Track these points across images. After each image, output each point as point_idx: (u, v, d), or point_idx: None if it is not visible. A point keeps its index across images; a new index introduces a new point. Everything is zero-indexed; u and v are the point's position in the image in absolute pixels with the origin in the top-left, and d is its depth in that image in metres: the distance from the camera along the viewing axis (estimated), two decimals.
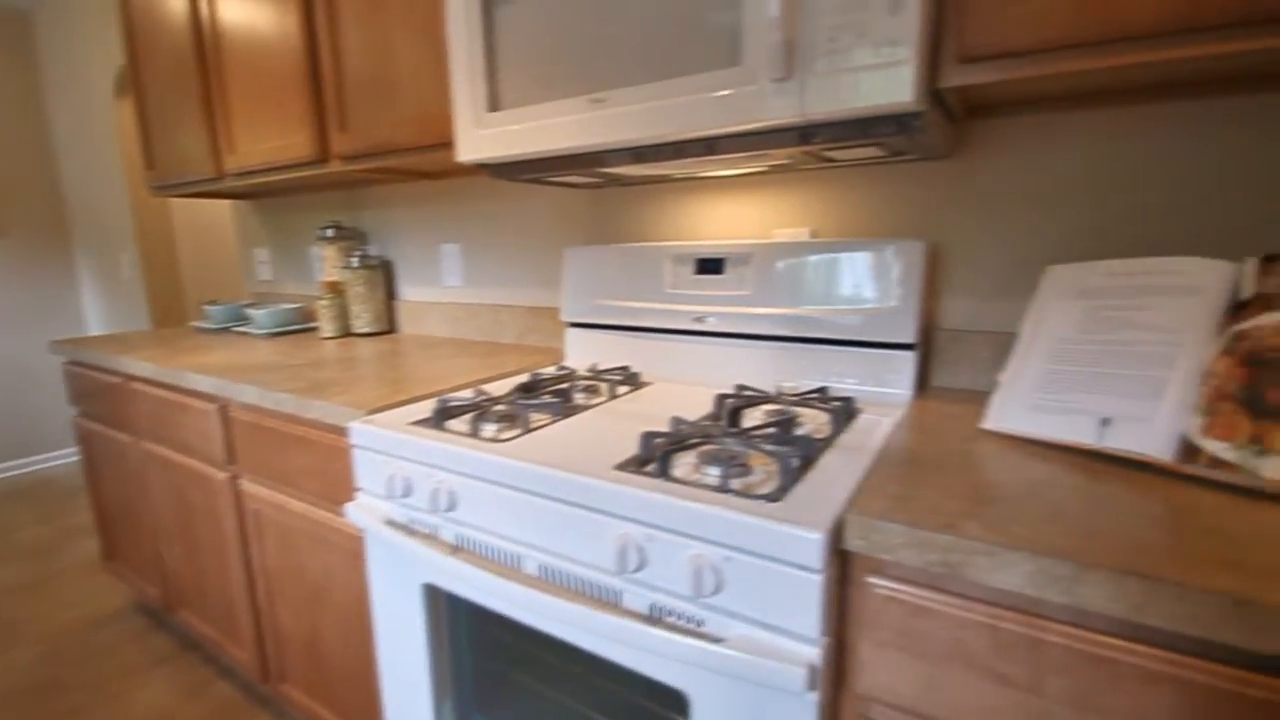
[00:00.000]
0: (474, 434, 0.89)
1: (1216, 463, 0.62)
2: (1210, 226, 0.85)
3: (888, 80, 0.69)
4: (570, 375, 1.18)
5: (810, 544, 0.58)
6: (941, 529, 0.55)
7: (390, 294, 1.87)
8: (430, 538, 0.91)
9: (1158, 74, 0.74)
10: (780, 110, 0.76)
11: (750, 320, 1.13)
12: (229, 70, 1.61)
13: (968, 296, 1.03)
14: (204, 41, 1.65)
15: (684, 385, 1.17)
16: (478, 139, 1.05)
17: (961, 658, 0.57)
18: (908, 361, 1.00)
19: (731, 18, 0.77)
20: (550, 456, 0.79)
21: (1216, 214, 0.84)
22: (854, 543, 0.60)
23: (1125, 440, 0.68)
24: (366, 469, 0.97)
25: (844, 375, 1.06)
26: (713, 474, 0.71)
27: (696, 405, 1.02)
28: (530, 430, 0.91)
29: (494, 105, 1.02)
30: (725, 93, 0.79)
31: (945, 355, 1.05)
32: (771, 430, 0.84)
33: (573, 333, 1.37)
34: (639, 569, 0.69)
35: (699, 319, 1.18)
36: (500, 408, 0.98)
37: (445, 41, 1.17)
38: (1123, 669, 0.50)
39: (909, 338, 0.99)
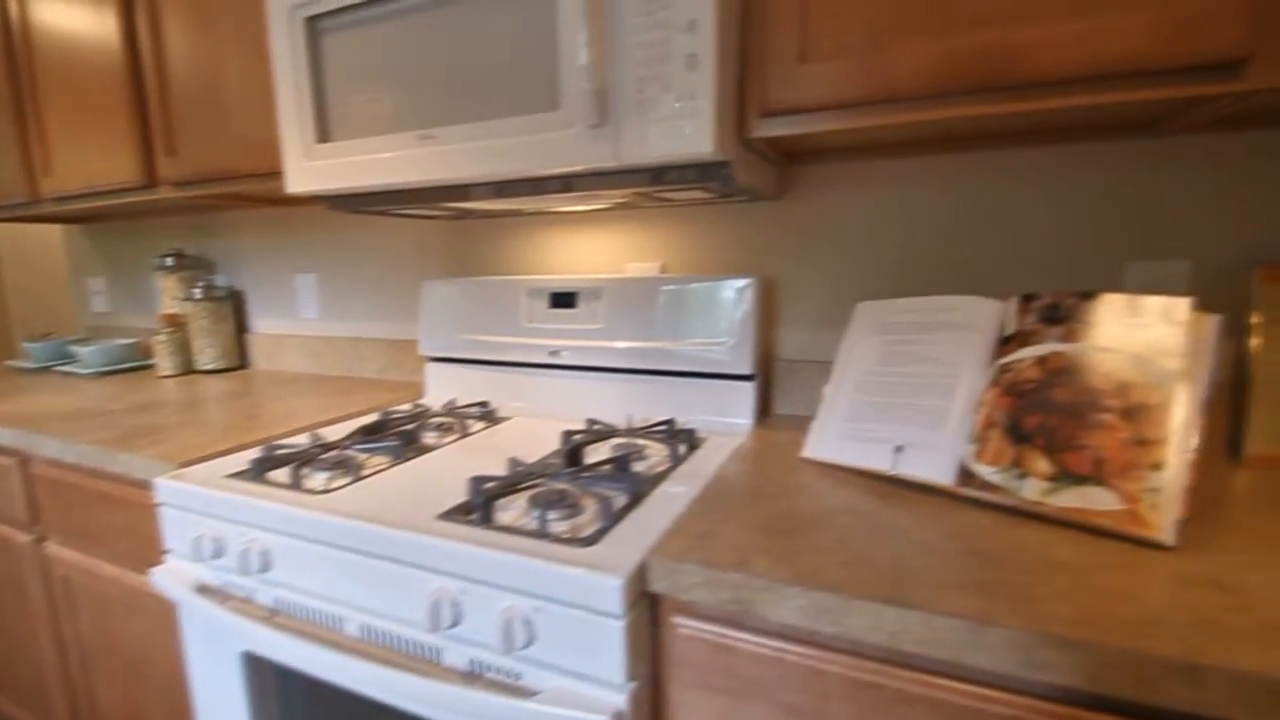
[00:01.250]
0: (295, 486, 0.84)
1: (986, 485, 0.68)
2: (993, 266, 0.94)
3: (690, 130, 0.72)
4: (424, 413, 1.14)
5: (610, 590, 0.58)
6: (733, 566, 0.57)
7: (241, 327, 1.74)
8: (246, 602, 0.84)
9: (937, 129, 0.82)
10: (597, 155, 0.77)
11: (603, 353, 1.13)
12: (43, 80, 1.45)
13: (802, 328, 1.09)
14: (14, 46, 1.49)
15: (541, 419, 1.16)
16: (307, 170, 1.00)
17: (758, 692, 0.59)
18: (747, 392, 1.04)
19: (549, 64, 0.78)
20: (371, 507, 0.76)
21: (996, 254, 0.94)
22: (658, 584, 0.60)
23: (915, 466, 0.74)
24: (175, 529, 0.89)
25: (691, 407, 1.08)
26: (537, 518, 0.70)
27: (548, 441, 1.01)
28: (362, 478, 0.86)
29: (323, 136, 0.98)
30: (547, 136, 0.80)
31: (785, 384, 1.10)
32: (607, 468, 0.84)
33: (433, 367, 1.33)
34: (454, 625, 0.67)
35: (554, 353, 1.18)
36: (331, 454, 0.93)
37: None
38: (888, 693, 0.53)
39: (747, 369, 1.03)
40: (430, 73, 0.87)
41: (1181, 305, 0.63)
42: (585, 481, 0.79)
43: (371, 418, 1.17)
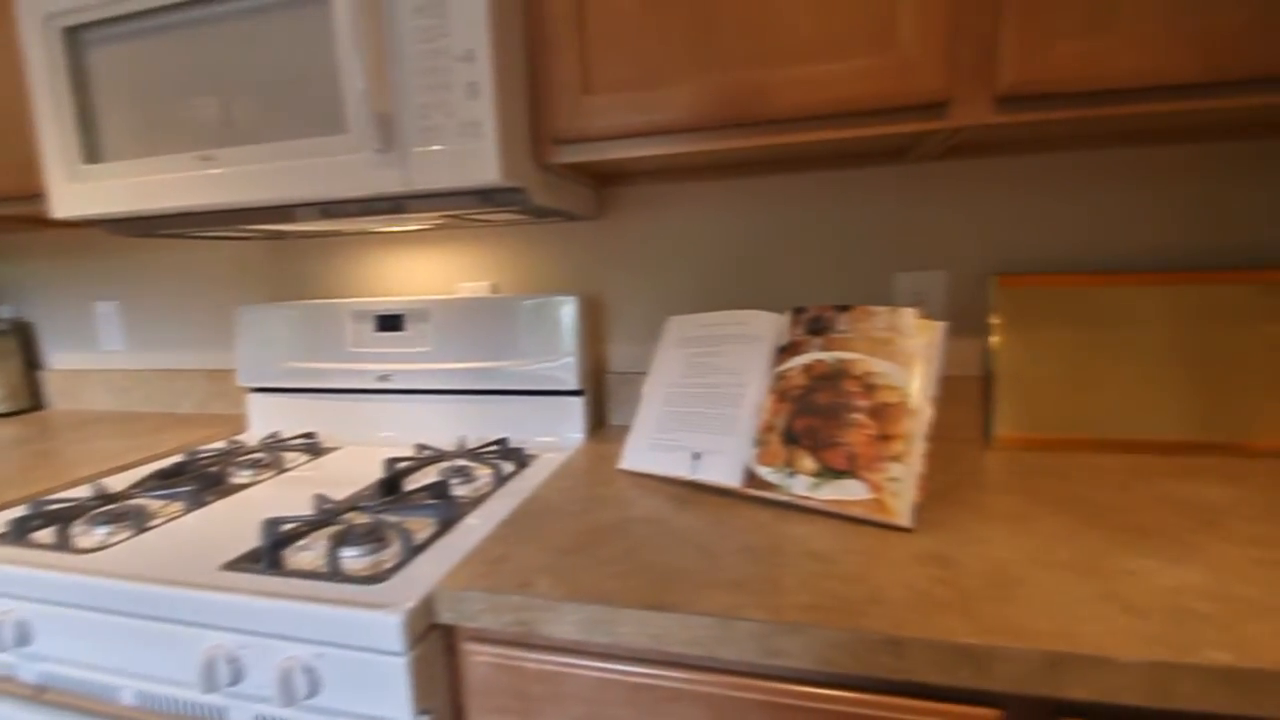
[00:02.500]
0: (62, 546, 0.75)
1: (766, 485, 0.74)
2: (787, 280, 1.03)
3: (476, 157, 0.73)
4: (236, 450, 1.06)
5: (389, 628, 0.57)
6: (516, 589, 0.58)
7: (31, 363, 1.54)
8: (6, 681, 0.75)
9: (724, 157, 0.88)
10: (385, 181, 0.76)
11: (434, 376, 1.11)
12: None
13: (631, 342, 1.13)
14: None
15: (371, 448, 1.11)
16: (74, 194, 0.90)
17: (547, 709, 0.60)
18: (578, 407, 1.07)
19: (332, 87, 0.76)
20: (148, 563, 0.70)
21: (788, 270, 1.02)
22: (445, 615, 0.60)
23: (711, 472, 0.79)
24: None
25: (526, 425, 1.09)
26: (332, 559, 0.68)
27: (373, 471, 0.98)
28: (148, 529, 0.79)
29: (92, 157, 0.89)
30: (334, 160, 0.78)
31: (618, 396, 1.14)
32: (423, 495, 0.83)
33: (255, 398, 1.24)
34: (235, 682, 0.63)
35: (383, 377, 1.14)
36: (114, 506, 0.84)
37: None
38: (660, 693, 0.57)
39: (576, 384, 1.05)
40: (209, 92, 0.81)
41: (910, 314, 0.73)
42: (399, 512, 0.77)
43: (178, 458, 1.08)
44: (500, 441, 1.04)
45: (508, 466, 0.96)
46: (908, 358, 0.71)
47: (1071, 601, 0.53)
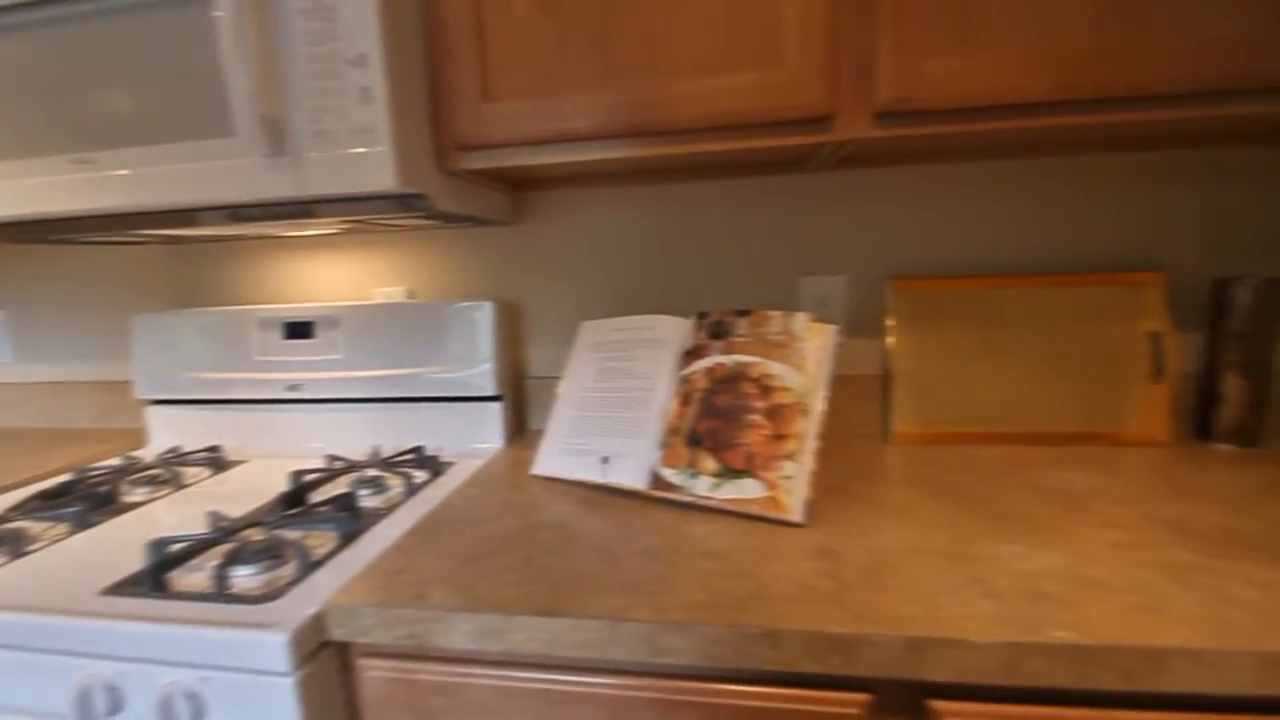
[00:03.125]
0: None
1: (670, 486, 0.76)
2: (699, 284, 1.05)
3: (371, 163, 0.72)
4: (132, 467, 1.01)
5: (275, 648, 0.56)
6: (408, 602, 0.58)
7: None
8: None
9: (631, 163, 0.90)
10: (276, 186, 0.74)
11: (346, 384, 1.09)
12: None
13: (551, 346, 1.13)
14: None
15: (280, 460, 1.08)
16: None
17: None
18: (496, 413, 1.06)
19: (218, 89, 0.73)
20: (20, 591, 0.66)
21: (701, 274, 1.05)
22: (338, 632, 0.59)
23: (619, 475, 0.80)
24: None
25: (444, 432, 1.08)
26: (222, 579, 0.65)
27: (279, 484, 0.95)
28: (24, 554, 0.75)
29: None
30: (223, 163, 0.75)
31: (539, 400, 1.14)
32: (327, 509, 0.81)
33: (155, 411, 1.18)
34: (114, 712, 0.60)
35: (293, 386, 1.10)
36: None
37: None
38: (555, 697, 0.57)
39: (494, 390, 1.05)
40: (85, 91, 0.77)
41: (803, 318, 0.76)
42: (300, 526, 0.75)
43: (64, 477, 1.01)
44: (416, 450, 1.03)
45: (421, 475, 0.95)
46: (801, 360, 0.74)
47: (938, 588, 0.56)
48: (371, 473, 0.94)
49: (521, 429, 1.15)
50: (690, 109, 0.71)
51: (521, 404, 1.15)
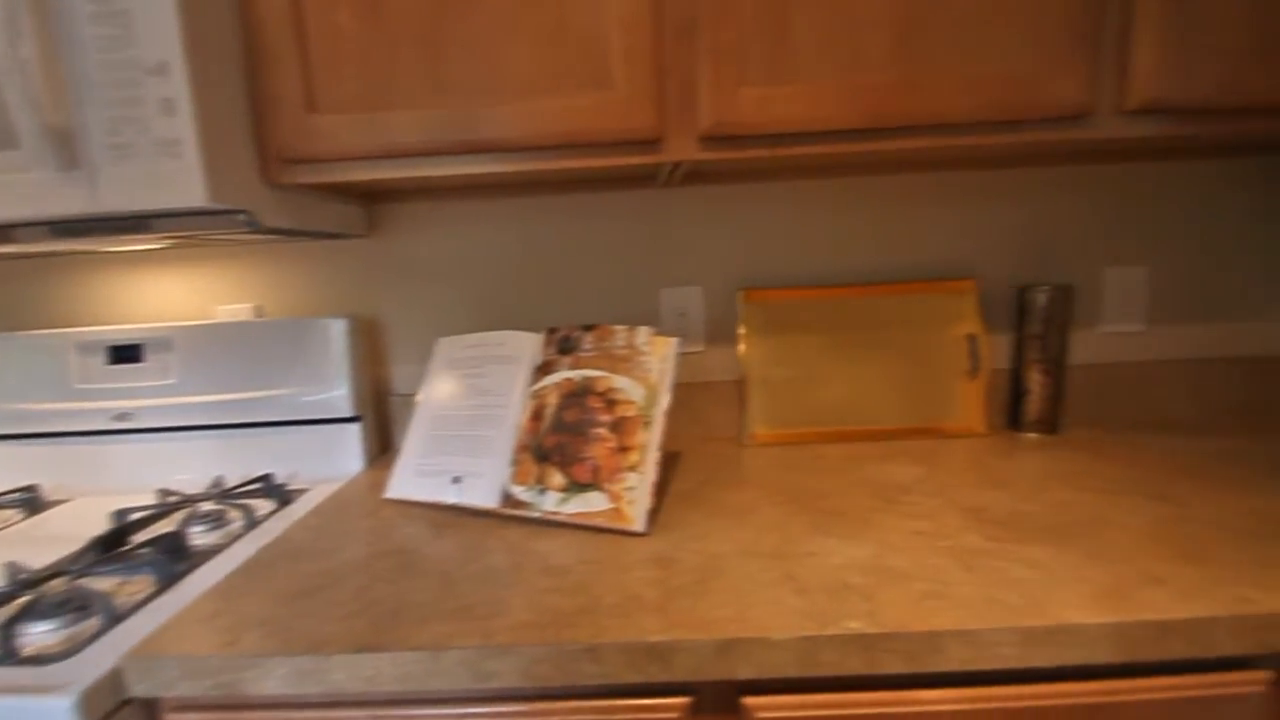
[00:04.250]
0: None
1: (519, 503, 0.76)
2: (559, 298, 1.06)
3: (178, 178, 0.67)
4: None
5: (59, 712, 0.51)
6: (216, 649, 0.55)
7: None
8: None
9: (483, 179, 0.89)
10: (70, 202, 0.67)
11: (183, 411, 1.01)
12: None
13: (413, 362, 1.10)
14: None
15: (107, 497, 0.98)
16: None
17: None
18: (354, 435, 1.02)
19: None
20: None
21: (561, 288, 1.06)
22: (138, 688, 0.55)
23: (472, 495, 0.79)
24: None
25: (299, 457, 1.02)
26: (6, 639, 0.59)
27: (101, 526, 0.86)
28: None
29: None
30: (7, 177, 0.68)
31: (404, 419, 1.10)
32: (147, 551, 0.75)
33: None
34: None
35: (120, 416, 1.01)
36: None
37: None
38: None
39: (351, 411, 1.01)
40: None
41: (645, 332, 0.78)
42: (114, 572, 0.69)
43: None
44: (264, 479, 0.97)
45: (266, 506, 0.89)
46: (644, 373, 0.76)
47: (756, 587, 0.59)
48: (208, 507, 0.88)
49: (385, 449, 1.11)
50: (523, 128, 0.71)
51: (385, 424, 1.11)
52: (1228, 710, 0.55)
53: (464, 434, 0.83)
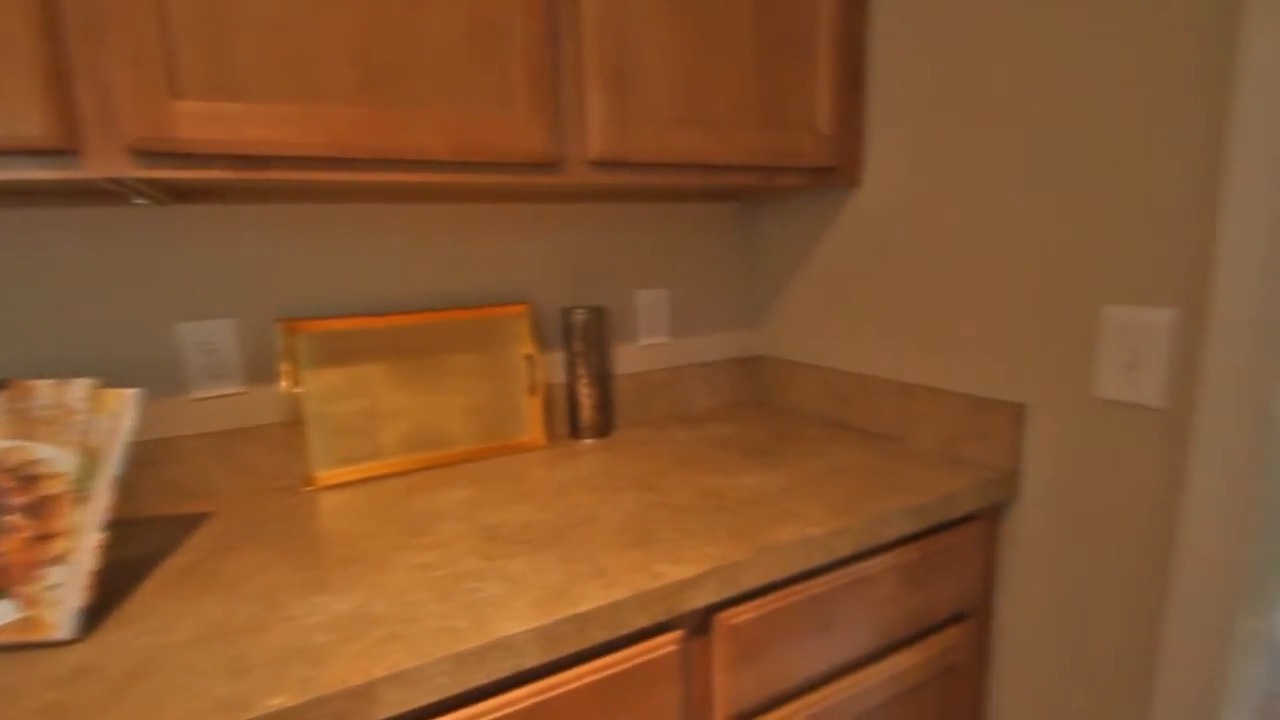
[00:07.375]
0: None
1: None
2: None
3: None
4: None
5: None
6: None
7: None
8: None
9: None
10: None
11: None
12: None
13: None
14: None
15: None
16: None
17: None
18: None
19: None
20: None
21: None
22: None
23: None
24: None
25: None
26: None
27: None
28: None
29: None
30: None
31: None
32: None
33: None
34: None
35: None
36: None
37: None
38: None
39: None
40: None
41: (84, 386, 0.64)
42: None
43: None
44: None
45: None
46: (80, 436, 0.62)
47: (188, 682, 0.52)
48: None
49: None
50: None
51: None
52: (653, 673, 0.65)
53: None
